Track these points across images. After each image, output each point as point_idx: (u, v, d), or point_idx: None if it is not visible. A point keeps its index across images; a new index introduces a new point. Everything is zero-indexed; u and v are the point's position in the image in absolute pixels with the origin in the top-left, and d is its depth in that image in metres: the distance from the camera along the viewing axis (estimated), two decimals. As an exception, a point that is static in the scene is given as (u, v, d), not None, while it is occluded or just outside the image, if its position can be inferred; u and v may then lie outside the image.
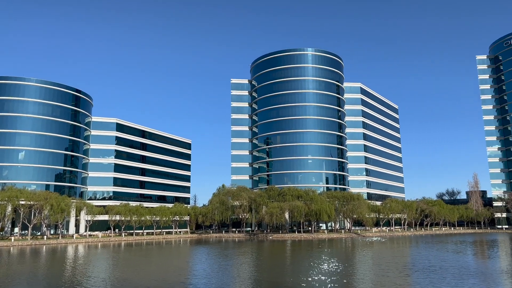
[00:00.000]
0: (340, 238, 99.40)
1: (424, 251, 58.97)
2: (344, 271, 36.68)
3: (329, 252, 59.47)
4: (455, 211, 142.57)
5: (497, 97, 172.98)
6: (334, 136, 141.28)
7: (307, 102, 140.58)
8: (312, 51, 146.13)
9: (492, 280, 31.23)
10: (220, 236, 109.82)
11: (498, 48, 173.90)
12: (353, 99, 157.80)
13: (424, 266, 39.51)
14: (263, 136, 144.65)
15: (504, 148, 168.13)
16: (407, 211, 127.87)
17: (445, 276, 32.48)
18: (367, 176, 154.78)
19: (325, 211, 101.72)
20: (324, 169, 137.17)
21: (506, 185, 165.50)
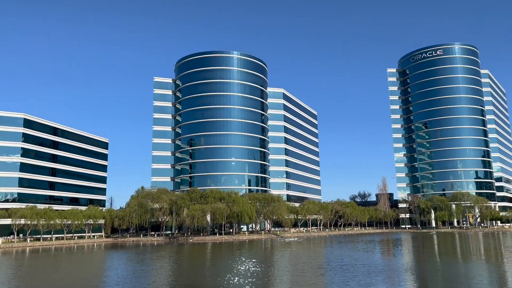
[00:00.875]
0: (260, 239, 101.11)
1: (337, 251, 62.12)
2: (262, 272, 37.13)
3: (248, 253, 60.01)
4: (365, 212, 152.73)
5: (404, 108, 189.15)
6: (257, 139, 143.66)
7: (232, 104, 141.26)
8: (238, 54, 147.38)
9: (397, 277, 33.72)
10: (137, 240, 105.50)
11: (406, 63, 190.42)
12: (276, 104, 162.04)
13: (337, 265, 41.47)
14: (186, 137, 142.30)
15: (409, 154, 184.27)
16: (323, 212, 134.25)
17: (357, 274, 34.35)
18: (287, 178, 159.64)
19: (246, 213, 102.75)
20: (247, 172, 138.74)
21: (410, 188, 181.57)
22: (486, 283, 29.82)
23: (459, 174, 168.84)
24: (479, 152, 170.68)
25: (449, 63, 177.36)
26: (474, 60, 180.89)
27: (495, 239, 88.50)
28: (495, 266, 40.56)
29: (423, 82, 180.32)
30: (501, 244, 73.43)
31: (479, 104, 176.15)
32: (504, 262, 43.80)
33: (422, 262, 45.80)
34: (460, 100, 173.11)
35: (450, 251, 61.56)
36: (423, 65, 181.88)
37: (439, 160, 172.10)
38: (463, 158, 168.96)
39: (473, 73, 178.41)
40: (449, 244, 77.53)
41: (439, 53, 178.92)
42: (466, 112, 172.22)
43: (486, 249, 63.16)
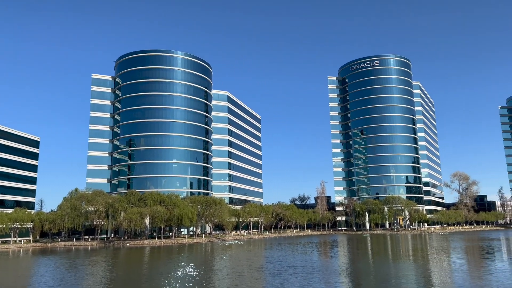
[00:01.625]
0: (201, 242, 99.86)
1: (277, 253, 62.95)
2: (201, 276, 36.56)
3: (187, 257, 58.94)
4: (305, 215, 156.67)
5: (342, 115, 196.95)
6: (200, 141, 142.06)
7: (174, 105, 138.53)
8: (182, 54, 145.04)
9: (333, 278, 34.77)
10: (70, 244, 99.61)
11: (346, 72, 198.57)
12: (220, 106, 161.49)
13: (276, 268, 41.93)
14: (125, 137, 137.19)
15: (346, 159, 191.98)
16: (264, 215, 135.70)
17: (295, 276, 34.93)
18: (230, 181, 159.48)
19: (187, 216, 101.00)
20: (189, 174, 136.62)
21: (347, 192, 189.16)
22: (414, 282, 31.66)
23: (392, 179, 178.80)
24: (409, 158, 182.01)
25: (385, 73, 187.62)
26: (407, 72, 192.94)
27: (422, 240, 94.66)
28: (422, 266, 43.26)
29: (361, 90, 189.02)
30: (427, 245, 78.66)
31: (410, 114, 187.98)
32: (429, 262, 46.84)
33: (356, 263, 47.70)
34: (394, 109, 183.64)
35: (382, 252, 64.77)
36: (361, 74, 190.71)
37: (373, 165, 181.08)
38: (395, 164, 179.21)
39: (406, 84, 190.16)
40: (381, 245, 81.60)
41: (376, 63, 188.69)
42: (399, 120, 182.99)
43: (414, 250, 67.31)
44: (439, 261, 47.60)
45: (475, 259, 50.36)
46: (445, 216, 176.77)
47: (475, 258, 51.57)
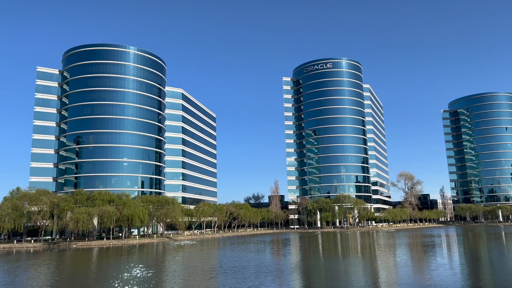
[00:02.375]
0: (152, 243, 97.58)
1: (230, 252, 62.84)
2: (152, 277, 35.68)
3: (138, 258, 57.35)
4: (258, 214, 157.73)
5: (296, 115, 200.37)
6: (153, 139, 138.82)
7: (126, 101, 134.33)
8: (135, 49, 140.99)
9: (285, 276, 35.20)
10: (10, 246, 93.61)
11: (300, 73, 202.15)
12: (174, 104, 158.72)
13: (229, 267, 41.82)
14: (73, 134, 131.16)
15: (299, 159, 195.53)
16: (218, 214, 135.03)
17: (248, 275, 34.99)
18: (183, 180, 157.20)
19: (138, 216, 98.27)
20: (140, 173, 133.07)
21: (300, 190, 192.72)
22: (362, 278, 32.77)
23: (342, 178, 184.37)
24: (359, 158, 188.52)
25: (337, 76, 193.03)
26: (358, 75, 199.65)
27: (370, 238, 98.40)
28: (369, 262, 44.91)
29: (314, 92, 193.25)
30: (374, 242, 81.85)
31: (361, 115, 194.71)
32: (376, 258, 48.72)
33: (308, 261, 48.65)
34: (345, 110, 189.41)
35: (332, 249, 66.58)
36: (314, 76, 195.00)
37: (325, 165, 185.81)
38: (346, 163, 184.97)
39: (357, 86, 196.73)
40: (331, 243, 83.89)
41: (329, 66, 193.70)
42: (349, 122, 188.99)
43: (362, 246, 69.79)
44: (385, 257, 49.64)
45: (418, 255, 53.02)
46: (392, 214, 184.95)
47: (418, 254, 54.31)
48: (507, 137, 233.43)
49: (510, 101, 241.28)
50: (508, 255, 47.45)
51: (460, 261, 44.49)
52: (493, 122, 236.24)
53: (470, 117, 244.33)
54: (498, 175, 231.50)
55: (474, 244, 70.66)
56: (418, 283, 29.45)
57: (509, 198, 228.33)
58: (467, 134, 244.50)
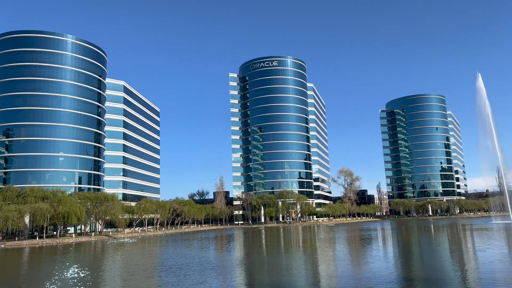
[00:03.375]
0: (90, 241, 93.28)
1: (172, 250, 61.69)
2: (89, 277, 34.01)
3: (74, 257, 54.49)
4: (203, 210, 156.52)
5: (242, 111, 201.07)
6: (91, 133, 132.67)
7: (63, 93, 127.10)
8: (73, 38, 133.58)
9: (228, 272, 35.15)
10: None
11: (246, 70, 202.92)
12: (116, 96, 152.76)
13: (172, 265, 40.98)
14: (2, 126, 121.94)
15: (245, 155, 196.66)
16: (161, 211, 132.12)
17: (190, 273, 34.48)
18: (124, 176, 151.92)
19: (74, 213, 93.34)
20: (78, 168, 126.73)
21: (244, 186, 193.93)
22: (303, 271, 33.56)
23: (286, 174, 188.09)
24: (302, 155, 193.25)
25: (282, 74, 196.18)
26: (302, 74, 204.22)
27: (311, 232, 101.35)
28: (310, 256, 46.17)
29: (260, 89, 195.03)
30: (315, 236, 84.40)
31: (304, 113, 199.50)
32: (317, 252, 50.21)
33: (251, 256, 49.00)
34: (290, 108, 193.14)
35: (275, 244, 67.66)
36: (260, 73, 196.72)
37: (270, 161, 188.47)
38: (290, 160, 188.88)
39: (301, 85, 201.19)
40: (274, 238, 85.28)
41: (275, 64, 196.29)
42: (294, 119, 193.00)
43: (304, 241, 71.65)
44: (325, 251, 51.30)
45: (356, 248, 55.38)
46: (332, 209, 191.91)
47: (356, 247, 56.73)
48: (437, 136, 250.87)
49: (441, 103, 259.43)
50: (436, 247, 50.96)
51: (394, 254, 47.07)
52: (425, 122, 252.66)
53: (405, 117, 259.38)
54: (429, 172, 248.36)
55: (406, 237, 75.19)
56: (356, 275, 30.69)
57: (438, 194, 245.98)
58: (402, 133, 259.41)
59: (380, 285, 25.24)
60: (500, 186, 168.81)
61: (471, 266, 33.20)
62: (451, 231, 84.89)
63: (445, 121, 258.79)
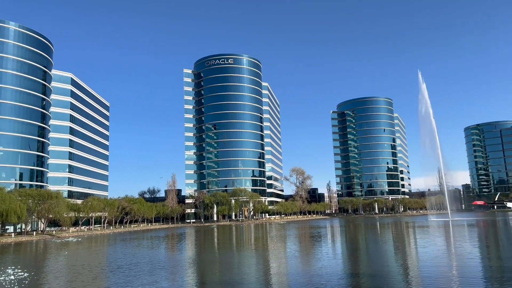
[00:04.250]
0: (31, 241, 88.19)
1: (121, 249, 59.74)
2: (29, 279, 32.05)
3: (13, 258, 51.21)
4: (153, 208, 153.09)
5: (197, 108, 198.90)
6: (35, 127, 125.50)
7: (3, 83, 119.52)
8: (16, 26, 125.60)
9: (179, 271, 34.54)
10: None
11: (202, 66, 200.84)
12: (62, 89, 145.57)
13: (120, 265, 39.63)
14: None
15: (198, 153, 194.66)
16: (109, 209, 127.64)
17: (140, 273, 33.51)
18: (70, 173, 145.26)
19: (14, 211, 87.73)
20: (18, 164, 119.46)
21: (197, 184, 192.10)
22: (254, 269, 33.69)
23: (240, 172, 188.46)
24: (256, 153, 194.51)
25: (238, 72, 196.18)
26: (257, 73, 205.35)
27: (263, 230, 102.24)
28: (262, 254, 46.50)
29: (215, 86, 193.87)
30: (267, 234, 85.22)
31: (259, 112, 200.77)
32: (268, 250, 50.67)
33: (202, 255, 48.54)
34: (244, 106, 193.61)
35: (227, 242, 67.53)
36: (216, 70, 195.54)
37: (224, 159, 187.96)
38: (244, 158, 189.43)
39: (256, 83, 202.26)
40: (226, 236, 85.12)
41: (230, 61, 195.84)
42: (248, 118, 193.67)
43: (256, 239, 72.09)
44: (277, 248, 51.90)
45: (306, 246, 56.52)
46: (284, 207, 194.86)
47: (306, 245, 57.90)
48: (384, 137, 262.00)
49: (388, 105, 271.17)
50: (381, 244, 53.15)
51: (342, 250, 48.53)
52: (373, 124, 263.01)
53: (355, 118, 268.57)
54: (376, 172, 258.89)
55: (354, 234, 77.86)
56: (306, 272, 31.26)
57: (384, 193, 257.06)
58: (352, 134, 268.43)
59: (329, 281, 25.87)
60: (440, 185, 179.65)
61: (414, 262, 34.93)
62: (395, 229, 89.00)
63: (392, 123, 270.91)
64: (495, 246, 46.07)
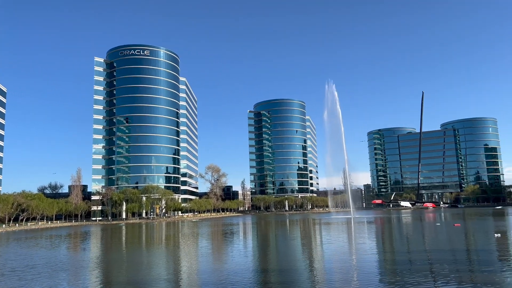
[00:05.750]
0: None
1: (14, 250, 54.21)
2: None
3: None
4: (55, 205, 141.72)
5: (108, 100, 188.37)
6: None
7: None
8: None
9: (83, 272, 32.30)
10: None
11: (115, 55, 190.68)
12: None
13: (14, 267, 35.89)
14: None
15: (108, 147, 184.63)
16: (2, 205, 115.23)
17: (38, 276, 30.65)
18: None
19: None
20: None
21: (106, 180, 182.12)
22: (164, 268, 32.84)
23: (153, 168, 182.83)
24: (171, 150, 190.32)
25: (154, 64, 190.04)
26: (175, 67, 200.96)
27: (175, 228, 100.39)
28: (173, 252, 45.56)
29: (129, 78, 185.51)
30: (179, 232, 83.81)
31: (175, 107, 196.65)
32: (180, 248, 49.84)
33: (108, 254, 46.06)
34: (160, 101, 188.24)
35: (136, 241, 64.99)
36: (131, 61, 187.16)
37: (136, 154, 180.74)
38: (158, 154, 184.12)
39: (173, 78, 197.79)
40: (136, 234, 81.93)
41: (147, 53, 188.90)
42: (164, 113, 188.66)
43: (167, 237, 70.47)
44: (188, 246, 51.26)
45: (218, 243, 56.69)
46: (198, 204, 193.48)
47: (218, 242, 58.08)
48: (296, 138, 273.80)
49: (301, 108, 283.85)
50: (289, 240, 55.38)
51: (253, 247, 49.55)
52: (287, 125, 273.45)
53: (270, 119, 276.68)
54: (287, 171, 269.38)
55: (265, 231, 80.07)
56: (218, 269, 31.31)
57: (294, 191, 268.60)
58: (266, 134, 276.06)
59: (240, 277, 26.17)
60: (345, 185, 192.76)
61: (319, 256, 36.96)
62: (303, 225, 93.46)
63: (304, 125, 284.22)
64: (389, 241, 50.71)
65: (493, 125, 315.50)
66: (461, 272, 25.93)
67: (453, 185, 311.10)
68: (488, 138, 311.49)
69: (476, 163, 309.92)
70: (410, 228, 72.08)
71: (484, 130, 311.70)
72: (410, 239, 52.23)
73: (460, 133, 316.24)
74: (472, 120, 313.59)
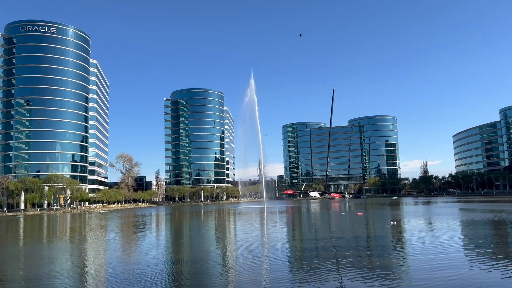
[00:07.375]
0: None
1: None
2: None
3: None
4: None
5: (6, 79, 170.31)
6: None
7: None
8: None
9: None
10: None
11: (15, 31, 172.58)
12: None
13: None
14: None
15: (4, 131, 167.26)
16: None
17: None
18: None
19: None
20: None
21: (1, 168, 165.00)
22: (67, 263, 30.62)
23: (57, 156, 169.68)
24: (78, 136, 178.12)
25: (61, 44, 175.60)
26: (85, 48, 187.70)
27: (81, 219, 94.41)
28: (78, 245, 42.74)
29: (32, 56, 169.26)
30: (86, 223, 78.95)
31: (84, 91, 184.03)
32: (86, 241, 46.95)
33: (3, 249, 41.73)
34: (67, 83, 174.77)
35: (36, 234, 59.88)
36: (34, 38, 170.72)
37: (37, 140, 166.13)
38: (63, 141, 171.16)
39: (83, 59, 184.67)
40: (36, 226, 75.50)
41: (53, 30, 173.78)
42: (71, 96, 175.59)
43: (72, 229, 65.97)
44: (95, 239, 48.52)
45: (128, 235, 54.52)
46: (107, 195, 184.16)
47: (129, 234, 55.86)
48: (214, 129, 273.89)
49: (220, 99, 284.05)
50: (204, 231, 55.32)
51: (166, 238, 48.52)
52: (205, 115, 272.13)
53: (188, 108, 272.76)
54: (204, 161, 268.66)
55: (179, 222, 78.93)
56: (128, 262, 30.09)
57: (210, 181, 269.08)
58: (184, 123, 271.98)
59: (151, 269, 25.40)
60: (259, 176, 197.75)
61: (233, 246, 37.42)
62: (218, 215, 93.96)
63: (222, 116, 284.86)
64: (299, 230, 53.21)
65: (393, 122, 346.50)
66: (362, 257, 28.10)
67: (357, 177, 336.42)
68: (388, 134, 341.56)
69: (377, 157, 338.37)
70: (318, 217, 76.35)
71: (385, 127, 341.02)
72: (317, 227, 55.28)
73: (365, 129, 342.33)
74: (376, 118, 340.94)
